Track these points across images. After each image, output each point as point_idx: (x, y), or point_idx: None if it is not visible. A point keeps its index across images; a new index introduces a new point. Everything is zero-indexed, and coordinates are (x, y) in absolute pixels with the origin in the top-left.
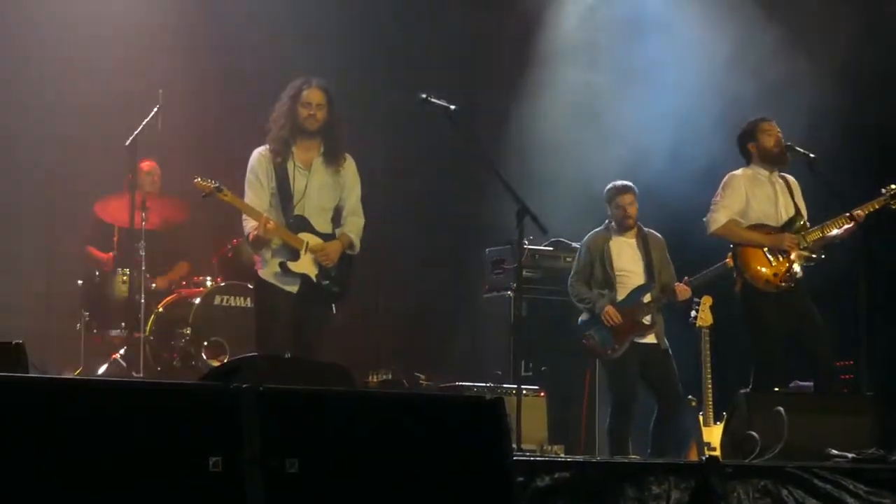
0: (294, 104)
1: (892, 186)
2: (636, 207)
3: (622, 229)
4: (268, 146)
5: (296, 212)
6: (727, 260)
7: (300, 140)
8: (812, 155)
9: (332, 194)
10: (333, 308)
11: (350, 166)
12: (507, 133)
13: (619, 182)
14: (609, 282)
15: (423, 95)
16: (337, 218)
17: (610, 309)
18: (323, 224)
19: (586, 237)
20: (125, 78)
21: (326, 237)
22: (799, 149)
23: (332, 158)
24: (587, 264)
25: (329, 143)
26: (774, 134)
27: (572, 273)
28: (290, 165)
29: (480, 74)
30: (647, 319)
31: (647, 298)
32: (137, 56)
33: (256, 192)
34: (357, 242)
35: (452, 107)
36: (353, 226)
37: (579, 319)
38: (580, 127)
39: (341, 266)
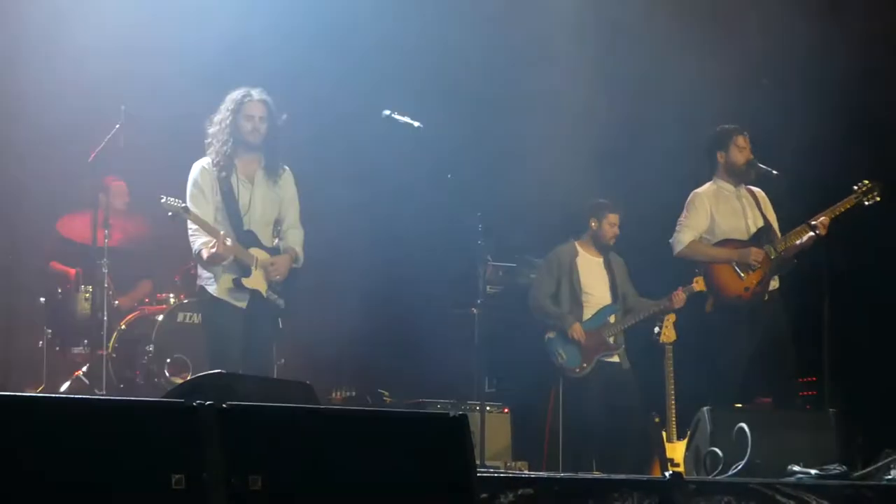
0: (236, 117)
1: (865, 182)
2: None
3: (598, 247)
4: (209, 159)
5: (244, 226)
6: (693, 284)
7: (242, 154)
8: (775, 172)
9: (273, 207)
10: (280, 322)
11: (288, 178)
12: (470, 149)
13: (606, 199)
14: (576, 299)
15: (387, 112)
16: (276, 231)
17: (577, 326)
18: (267, 238)
19: (552, 252)
20: (88, 94)
21: (271, 251)
22: (762, 166)
23: (273, 171)
24: (553, 280)
25: (269, 155)
26: (746, 151)
27: (535, 287)
28: (233, 179)
29: (444, 90)
30: (613, 339)
31: (612, 319)
32: (100, 72)
33: (200, 206)
34: (301, 255)
35: (416, 123)
36: (296, 238)
37: (546, 337)
38: (545, 143)
39: (287, 280)
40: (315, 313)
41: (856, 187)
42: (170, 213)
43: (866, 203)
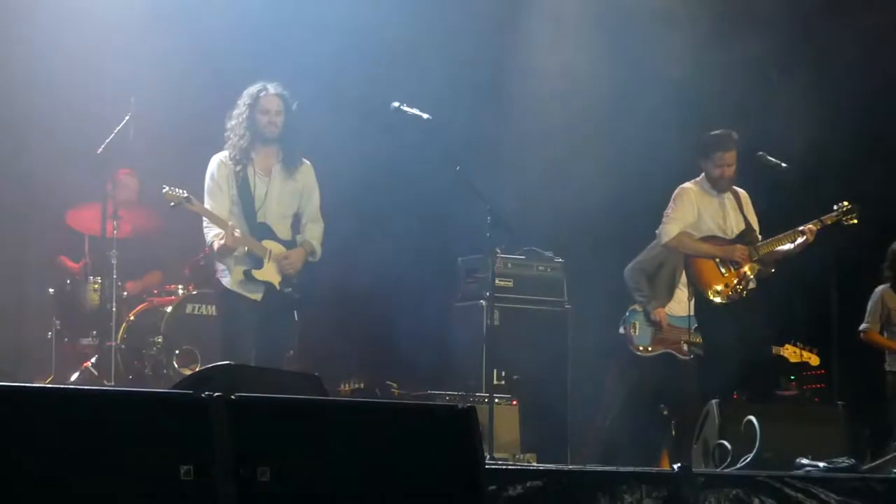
0: (252, 112)
1: (844, 203)
2: None
3: None
4: (227, 153)
5: (258, 219)
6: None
7: (259, 147)
8: (784, 165)
9: (292, 201)
10: (295, 315)
11: (308, 172)
12: (479, 141)
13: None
14: (670, 288)
15: (396, 104)
16: (296, 224)
17: (662, 311)
18: (283, 231)
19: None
20: (97, 86)
21: (287, 244)
22: (771, 158)
23: (291, 164)
24: (659, 263)
25: (287, 149)
26: (723, 168)
27: (638, 260)
28: (250, 172)
29: (453, 82)
30: (686, 347)
31: (691, 331)
32: (110, 63)
33: (216, 198)
34: (318, 249)
35: (425, 115)
36: (314, 232)
37: (628, 310)
38: (553, 137)
39: (303, 273)
40: (323, 305)
41: (836, 207)
42: (171, 203)
43: (844, 223)
